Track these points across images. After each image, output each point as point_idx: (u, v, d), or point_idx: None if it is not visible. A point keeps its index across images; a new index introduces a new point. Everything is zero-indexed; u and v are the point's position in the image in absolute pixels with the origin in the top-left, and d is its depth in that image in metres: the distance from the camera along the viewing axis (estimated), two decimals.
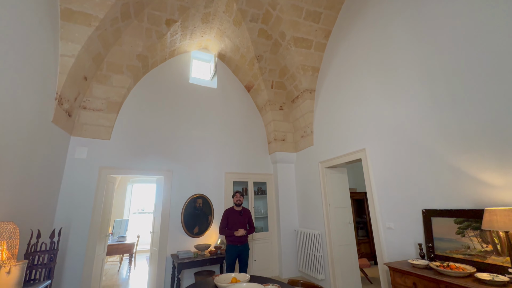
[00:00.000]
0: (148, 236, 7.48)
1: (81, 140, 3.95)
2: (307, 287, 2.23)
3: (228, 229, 3.51)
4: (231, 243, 3.47)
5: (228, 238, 3.50)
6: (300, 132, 5.17)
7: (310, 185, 4.76)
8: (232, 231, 3.45)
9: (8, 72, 2.30)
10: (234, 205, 3.70)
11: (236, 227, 3.51)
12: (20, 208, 2.67)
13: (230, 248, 3.45)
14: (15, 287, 2.05)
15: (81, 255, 3.56)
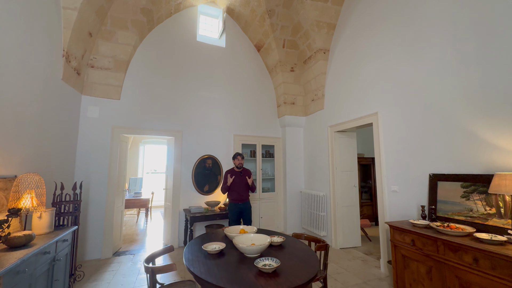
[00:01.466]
0: (162, 193, 7.98)
1: (92, 99, 3.98)
2: (310, 240, 2.40)
3: (230, 189, 3.57)
4: (232, 201, 3.55)
5: (229, 196, 3.58)
6: (311, 95, 5.02)
7: (318, 149, 4.79)
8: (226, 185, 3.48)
9: (12, 24, 2.23)
10: (235, 167, 3.66)
11: (237, 187, 3.54)
12: (42, 163, 2.84)
13: (232, 206, 3.54)
14: (46, 229, 2.29)
15: (101, 206, 3.87)
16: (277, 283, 1.45)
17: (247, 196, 3.63)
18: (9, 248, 1.83)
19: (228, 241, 2.23)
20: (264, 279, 1.49)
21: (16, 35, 2.28)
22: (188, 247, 2.11)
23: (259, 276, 1.53)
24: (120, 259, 3.71)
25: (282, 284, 1.43)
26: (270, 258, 1.72)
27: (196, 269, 1.65)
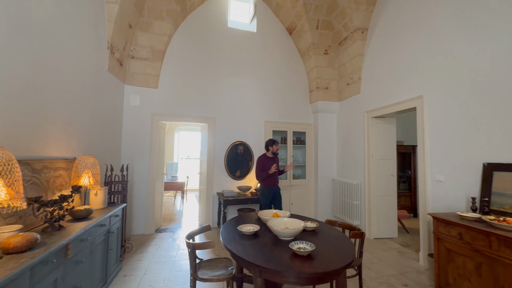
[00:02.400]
0: (195, 178, 8.42)
1: (133, 88, 4.26)
2: (345, 227, 2.36)
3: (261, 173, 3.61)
4: (267, 187, 3.62)
5: (264, 182, 3.63)
6: (346, 79, 4.75)
7: (352, 136, 4.59)
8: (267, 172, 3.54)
9: (66, 21, 2.45)
10: (271, 153, 3.67)
11: (273, 173, 3.58)
12: (95, 147, 3.16)
13: (266, 191, 3.60)
14: (101, 205, 2.58)
15: (144, 188, 4.23)
16: (312, 266, 1.46)
17: (277, 182, 3.71)
18: (74, 220, 2.11)
19: (261, 224, 2.30)
20: (299, 261, 1.52)
21: (69, 31, 2.50)
22: (224, 227, 2.23)
23: (294, 258, 1.56)
24: (161, 236, 4.06)
25: (317, 267, 1.44)
26: (305, 242, 1.74)
27: (233, 248, 1.73)
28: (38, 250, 1.42)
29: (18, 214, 1.74)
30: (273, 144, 3.67)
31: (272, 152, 3.67)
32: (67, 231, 1.78)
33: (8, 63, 1.73)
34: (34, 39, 1.98)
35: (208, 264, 2.08)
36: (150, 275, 2.73)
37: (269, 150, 3.69)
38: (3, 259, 1.29)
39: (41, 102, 2.10)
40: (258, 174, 3.61)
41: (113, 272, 2.62)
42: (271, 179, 3.61)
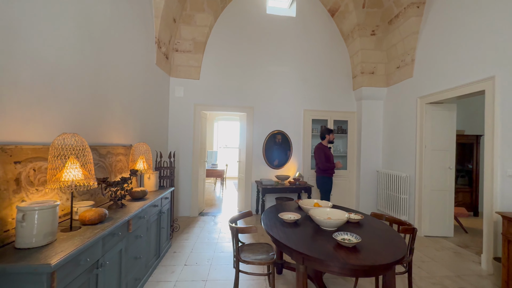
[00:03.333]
0: (234, 166, 8.71)
1: (178, 80, 4.51)
2: (393, 222, 2.21)
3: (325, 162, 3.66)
4: (328, 175, 3.71)
5: (327, 171, 3.69)
6: (396, 61, 4.31)
7: (402, 124, 4.19)
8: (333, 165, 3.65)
9: (121, 18, 2.66)
10: (327, 142, 3.71)
11: (331, 162, 3.70)
12: (146, 135, 3.47)
13: (328, 179, 3.72)
14: (153, 188, 2.85)
15: (188, 174, 4.52)
16: (358, 258, 1.41)
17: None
18: (132, 199, 2.37)
19: (302, 213, 2.29)
20: (344, 252, 1.48)
21: (123, 29, 2.73)
22: (265, 214, 2.27)
23: (338, 249, 1.52)
24: (204, 219, 4.34)
25: (364, 260, 1.38)
26: (349, 233, 1.68)
27: (275, 234, 1.76)
28: (107, 224, 1.63)
29: (89, 192, 2.02)
30: (330, 133, 3.70)
31: (329, 141, 3.70)
32: (128, 209, 2.02)
33: (77, 60, 1.97)
34: (96, 38, 2.21)
35: (250, 248, 2.16)
36: (196, 254, 2.96)
37: (326, 138, 3.74)
38: (81, 229, 1.51)
39: (103, 95, 2.35)
40: (323, 163, 3.62)
41: (165, 248, 2.90)
42: (332, 169, 3.69)
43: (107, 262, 1.59)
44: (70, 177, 1.44)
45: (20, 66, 1.45)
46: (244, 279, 2.39)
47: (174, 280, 2.37)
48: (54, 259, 1.12)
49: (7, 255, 1.15)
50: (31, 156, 1.48)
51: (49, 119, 1.68)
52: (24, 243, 1.21)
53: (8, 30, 1.36)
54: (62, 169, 1.43)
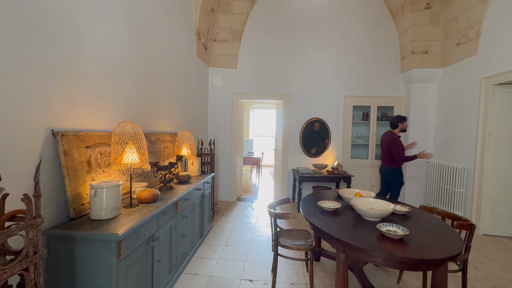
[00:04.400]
0: (269, 154, 8.78)
1: (216, 70, 4.64)
2: (446, 216, 2.02)
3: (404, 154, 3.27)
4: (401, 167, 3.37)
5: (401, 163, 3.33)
6: (456, 37, 3.77)
7: (460, 109, 3.71)
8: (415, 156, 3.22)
9: (164, 13, 2.81)
10: (399, 131, 3.35)
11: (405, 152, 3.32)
12: (189, 124, 3.68)
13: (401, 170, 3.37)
14: (196, 173, 3.04)
15: (227, 161, 4.71)
16: (406, 251, 1.34)
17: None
18: (178, 182, 2.57)
19: (342, 202, 2.23)
20: (390, 244, 1.41)
21: (167, 22, 2.87)
22: (303, 202, 2.27)
23: (383, 240, 1.46)
24: (241, 204, 4.52)
25: (414, 253, 1.31)
26: (395, 225, 1.59)
27: (315, 221, 1.76)
28: (159, 203, 1.81)
29: (143, 174, 2.25)
30: (403, 121, 3.32)
31: (401, 130, 3.34)
32: (175, 191, 2.20)
33: (129, 54, 2.15)
34: (143, 32, 2.38)
35: (288, 233, 2.19)
36: (235, 236, 3.12)
37: (398, 127, 3.34)
38: (139, 206, 1.71)
39: (151, 86, 2.55)
40: (402, 157, 3.22)
41: (207, 229, 3.12)
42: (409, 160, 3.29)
43: (161, 237, 1.78)
44: (129, 160, 1.62)
45: (86, 61, 1.64)
46: (281, 262, 2.46)
47: (216, 258, 2.55)
48: (120, 230, 1.29)
49: (85, 224, 1.37)
50: (98, 141, 1.70)
51: (110, 108, 1.90)
52: (97, 215, 1.43)
53: (76, 30, 1.55)
54: (122, 154, 1.62)
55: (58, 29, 1.42)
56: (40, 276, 0.96)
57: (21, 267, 0.89)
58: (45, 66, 1.34)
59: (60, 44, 1.43)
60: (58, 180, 1.43)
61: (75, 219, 1.43)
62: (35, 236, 0.94)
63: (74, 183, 1.45)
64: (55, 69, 1.40)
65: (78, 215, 1.45)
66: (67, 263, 1.29)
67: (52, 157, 1.39)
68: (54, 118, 1.41)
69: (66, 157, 1.42)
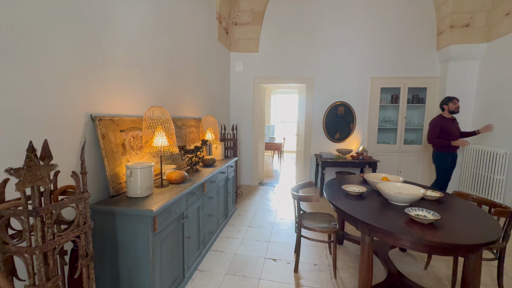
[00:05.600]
0: (291, 140, 8.71)
1: (237, 54, 4.60)
2: (483, 203, 1.90)
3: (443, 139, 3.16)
4: (446, 150, 3.19)
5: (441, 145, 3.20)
6: (505, 6, 3.34)
7: (505, 89, 3.35)
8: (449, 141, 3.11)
9: None
10: (448, 112, 3.19)
11: (452, 136, 3.14)
12: (212, 109, 3.75)
13: (445, 155, 3.22)
14: (220, 157, 3.13)
15: (249, 146, 4.77)
16: (436, 235, 1.29)
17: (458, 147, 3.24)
18: (204, 166, 2.68)
19: (368, 187, 2.18)
20: (419, 228, 1.37)
21: (189, 8, 2.87)
22: (327, 185, 2.26)
23: (411, 224, 1.42)
24: (263, 188, 4.60)
25: (445, 238, 1.26)
26: (425, 210, 1.54)
27: (339, 204, 1.75)
28: (187, 184, 1.91)
29: (171, 158, 2.37)
30: (449, 102, 3.16)
31: (450, 111, 3.17)
32: (201, 173, 2.30)
33: (154, 41, 2.20)
34: (167, 18, 2.41)
35: (311, 216, 2.21)
36: (258, 218, 3.21)
37: (444, 110, 3.20)
38: (169, 187, 1.82)
39: (176, 72, 2.61)
40: (433, 139, 3.18)
41: (231, 211, 3.24)
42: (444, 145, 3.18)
43: (190, 215, 1.89)
44: (159, 143, 1.71)
45: (117, 48, 1.72)
46: (304, 244, 2.50)
47: (241, 238, 2.67)
48: (154, 206, 1.40)
49: (123, 201, 1.49)
50: (130, 126, 1.81)
51: (140, 94, 1.99)
52: (133, 194, 1.55)
53: (106, 17, 1.62)
54: (152, 137, 1.71)
55: (90, 18, 1.49)
56: (89, 243, 1.08)
57: (74, 235, 1.01)
58: (81, 54, 1.43)
59: (92, 32, 1.50)
60: (98, 161, 1.56)
61: (115, 196, 1.57)
62: (84, 208, 1.05)
63: (112, 164, 1.57)
64: (89, 56, 1.49)
65: (117, 192, 1.59)
66: (110, 235, 1.43)
67: (91, 140, 1.52)
68: (92, 103, 1.52)
69: (104, 140, 1.54)
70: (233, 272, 2.06)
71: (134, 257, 1.41)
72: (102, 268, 1.46)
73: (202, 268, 2.12)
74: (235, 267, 2.14)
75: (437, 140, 3.16)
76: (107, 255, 1.44)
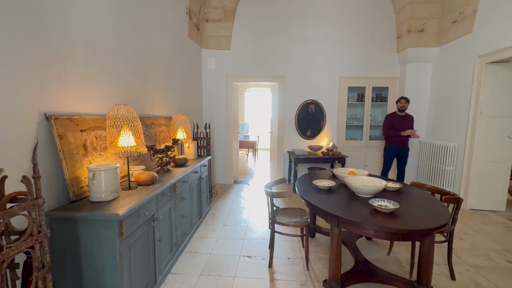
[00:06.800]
0: (265, 138, 8.81)
1: (209, 52, 4.52)
2: (435, 191, 2.11)
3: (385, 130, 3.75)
4: (393, 144, 3.73)
5: (389, 138, 3.76)
6: (452, 15, 3.72)
7: (453, 88, 3.74)
8: (398, 132, 3.63)
9: None
10: (397, 110, 3.73)
11: (399, 131, 3.64)
12: (184, 107, 3.64)
13: (391, 148, 3.77)
14: (193, 156, 3.06)
15: (223, 144, 4.73)
16: (396, 222, 1.41)
17: (407, 141, 3.74)
18: (175, 166, 2.60)
19: (336, 181, 2.29)
20: (381, 217, 1.48)
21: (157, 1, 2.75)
22: (299, 181, 2.33)
23: (375, 214, 1.53)
24: (239, 186, 4.60)
25: (403, 225, 1.38)
26: (387, 200, 1.67)
27: (310, 199, 1.82)
28: (158, 185, 1.84)
29: (140, 158, 2.26)
30: (397, 101, 3.70)
31: (398, 109, 3.69)
32: (173, 174, 2.23)
33: (120, 36, 2.08)
34: (133, 12, 2.28)
35: (284, 212, 2.27)
36: (233, 216, 3.21)
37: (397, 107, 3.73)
38: (138, 189, 1.74)
39: (144, 68, 2.49)
40: (384, 131, 3.78)
41: (205, 210, 3.20)
42: (397, 137, 3.68)
43: (161, 217, 1.83)
44: (125, 143, 1.62)
45: (76, 43, 1.59)
46: (278, 239, 2.56)
47: (216, 237, 2.64)
48: (121, 210, 1.32)
49: (85, 206, 1.39)
50: (92, 125, 1.69)
51: (103, 92, 1.87)
52: (96, 197, 1.45)
53: (62, 7, 1.48)
54: (117, 137, 1.62)
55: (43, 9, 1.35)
56: (46, 254, 1.00)
57: (27, 245, 0.92)
58: (32, 46, 1.29)
59: (45, 22, 1.37)
60: (55, 164, 1.43)
61: (76, 201, 1.45)
62: (38, 216, 0.96)
63: (71, 167, 1.46)
64: (43, 49, 1.35)
65: (78, 197, 1.48)
66: (71, 243, 1.33)
67: (47, 141, 1.39)
68: (47, 101, 1.39)
69: (62, 140, 1.42)
70: (207, 272, 2.04)
71: (100, 264, 1.33)
72: (63, 279, 1.35)
73: (175, 270, 2.06)
74: (210, 267, 2.12)
75: (388, 132, 3.70)
76: (69, 265, 1.34)
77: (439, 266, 2.13)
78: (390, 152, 3.77)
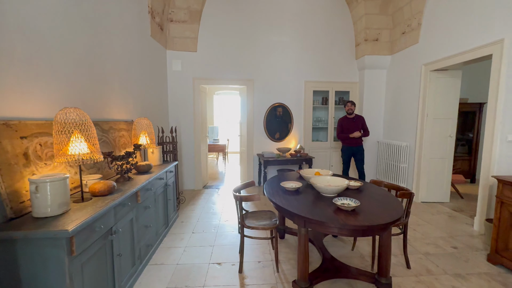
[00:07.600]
0: (235, 141, 8.76)
1: (174, 53, 4.36)
2: (391, 188, 2.28)
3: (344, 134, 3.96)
4: (347, 145, 3.99)
5: (344, 141, 4.01)
6: (401, 27, 4.11)
7: (404, 93, 4.13)
8: (347, 135, 3.89)
9: None
10: (346, 113, 3.97)
11: (350, 132, 3.87)
12: (147, 111, 3.45)
13: (345, 148, 4.03)
14: (158, 162, 2.91)
15: (191, 149, 4.58)
16: (357, 219, 1.49)
17: (361, 140, 3.98)
18: (138, 173, 2.44)
19: (303, 182, 2.36)
20: (344, 215, 1.55)
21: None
22: (268, 184, 2.35)
23: (338, 212, 1.60)
24: (208, 191, 4.49)
25: (363, 221, 1.46)
26: (349, 199, 1.75)
27: (278, 201, 1.84)
28: (116, 195, 1.70)
29: (96, 166, 2.07)
30: (345, 106, 3.97)
31: (347, 112, 3.94)
32: (135, 182, 2.09)
33: (71, 34, 1.89)
34: (87, 10, 2.10)
35: (254, 215, 2.27)
36: (202, 223, 3.11)
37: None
38: (93, 200, 1.59)
39: (100, 69, 2.30)
40: (337, 134, 4.05)
41: (173, 218, 3.05)
42: (350, 139, 3.91)
43: (120, 230, 1.69)
44: (76, 151, 1.46)
45: (13, 38, 1.40)
46: (248, 243, 2.54)
47: (184, 246, 2.53)
48: (70, 225, 1.19)
49: (27, 223, 1.22)
50: (36, 131, 1.50)
51: (50, 94, 1.67)
52: (41, 213, 1.28)
53: None
54: (67, 144, 1.46)
55: None
56: None
57: None
58: None
59: None
60: None
61: (15, 219, 1.27)
62: None
63: (9, 179, 1.27)
64: None
65: (18, 214, 1.29)
66: (9, 266, 1.15)
67: None
68: None
69: None
70: (174, 285, 1.94)
71: None
72: None
73: (139, 286, 1.92)
74: (177, 279, 2.01)
75: (340, 135, 4.00)
76: None
77: (396, 256, 2.30)
78: (346, 152, 4.02)
